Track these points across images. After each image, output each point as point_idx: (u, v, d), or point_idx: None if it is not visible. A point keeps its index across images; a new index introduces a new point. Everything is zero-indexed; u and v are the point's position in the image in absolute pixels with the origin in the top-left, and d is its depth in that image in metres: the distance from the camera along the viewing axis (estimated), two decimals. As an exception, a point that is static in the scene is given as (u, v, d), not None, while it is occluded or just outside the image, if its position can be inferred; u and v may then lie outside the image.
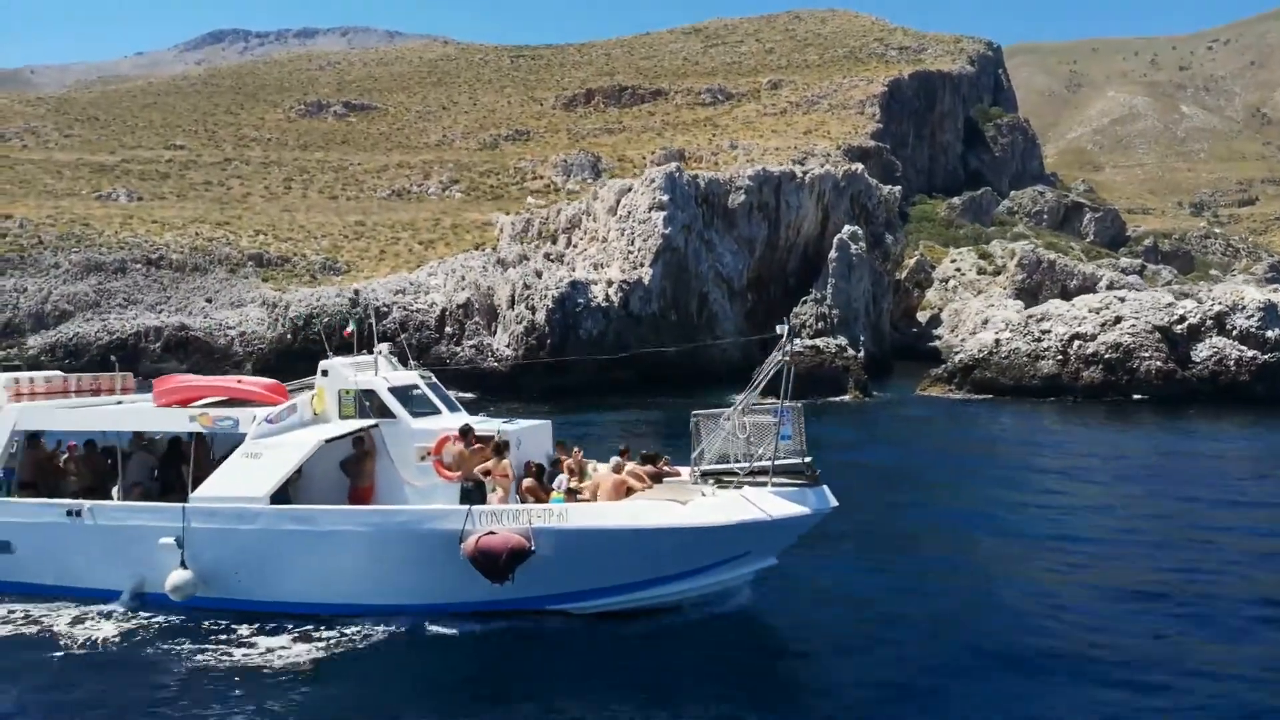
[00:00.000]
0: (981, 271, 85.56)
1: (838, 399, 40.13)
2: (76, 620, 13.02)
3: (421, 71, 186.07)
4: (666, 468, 14.35)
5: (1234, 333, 37.05)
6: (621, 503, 12.63)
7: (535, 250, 55.25)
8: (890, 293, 60.38)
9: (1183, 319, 37.55)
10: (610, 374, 44.72)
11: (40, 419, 14.69)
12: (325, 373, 14.32)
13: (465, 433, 13.47)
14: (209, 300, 73.30)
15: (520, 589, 12.21)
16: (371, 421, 13.69)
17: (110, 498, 14.16)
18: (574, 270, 48.51)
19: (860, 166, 60.54)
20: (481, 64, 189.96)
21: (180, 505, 13.27)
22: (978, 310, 69.24)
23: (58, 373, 16.24)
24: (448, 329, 42.61)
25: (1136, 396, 37.13)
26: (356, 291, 47.23)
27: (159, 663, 11.73)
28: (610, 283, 45.99)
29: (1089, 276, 73.87)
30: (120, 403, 15.55)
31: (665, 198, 48.78)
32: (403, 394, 14.18)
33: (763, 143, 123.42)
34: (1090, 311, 39.42)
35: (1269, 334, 36.83)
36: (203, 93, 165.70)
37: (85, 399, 15.70)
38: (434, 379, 15.45)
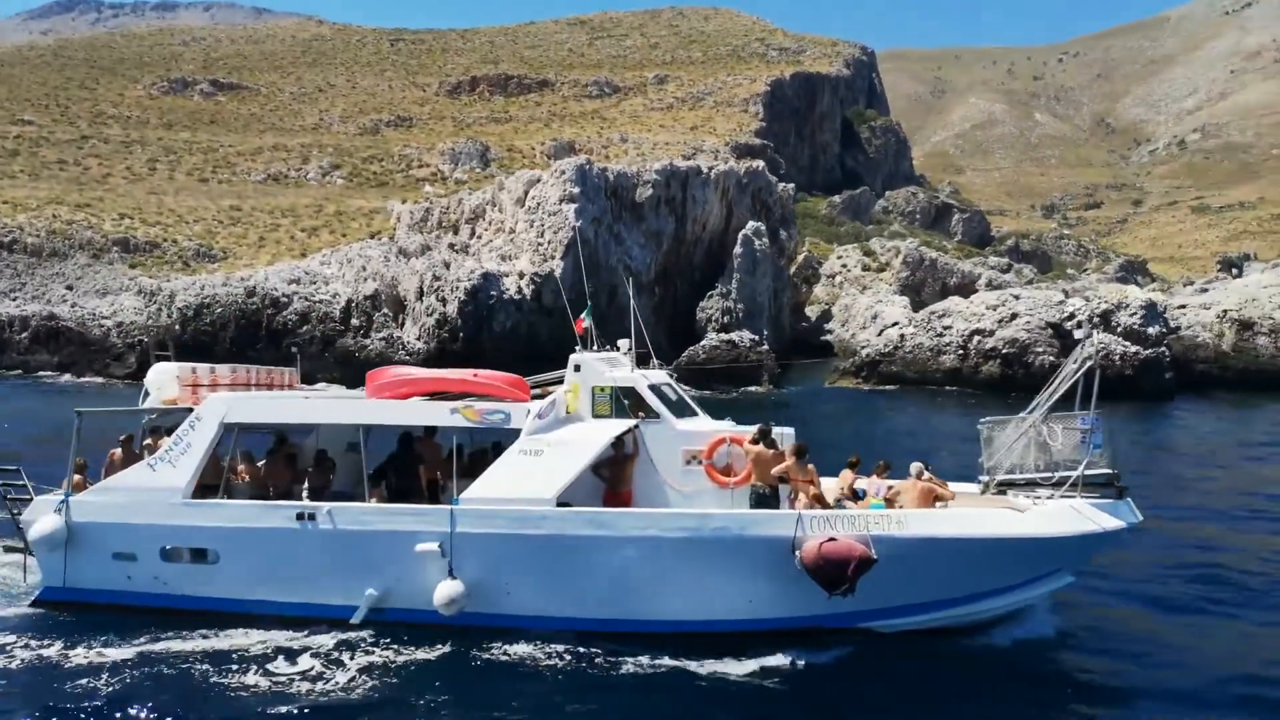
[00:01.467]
0: (866, 268, 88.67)
1: (751, 389, 40.80)
2: (308, 645, 11.10)
3: (295, 51, 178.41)
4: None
5: (1119, 329, 39.64)
6: (961, 510, 11.74)
7: (437, 240, 53.82)
8: (789, 288, 61.81)
9: (1072, 316, 39.91)
10: (525, 369, 44.05)
11: (252, 411, 12.74)
12: (578, 367, 12.84)
13: (764, 435, 12.26)
14: (69, 288, 68.17)
15: (856, 602, 11.08)
16: (633, 421, 12.43)
17: (294, 499, 12.52)
18: (480, 261, 47.49)
19: (761, 163, 61.66)
20: (359, 46, 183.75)
21: (447, 508, 11.72)
22: (867, 306, 71.68)
23: (226, 365, 14.53)
24: (354, 321, 40.98)
25: (1014, 394, 39.15)
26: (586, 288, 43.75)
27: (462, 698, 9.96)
28: (521, 275, 45.27)
29: (967, 274, 77.61)
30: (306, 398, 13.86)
31: (576, 190, 48.35)
32: (660, 393, 12.93)
33: (652, 137, 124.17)
34: (987, 308, 41.41)
35: (1150, 330, 39.59)
36: (52, 65, 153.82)
37: (277, 393, 14.07)
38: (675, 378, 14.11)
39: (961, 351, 40.88)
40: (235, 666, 10.55)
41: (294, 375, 14.69)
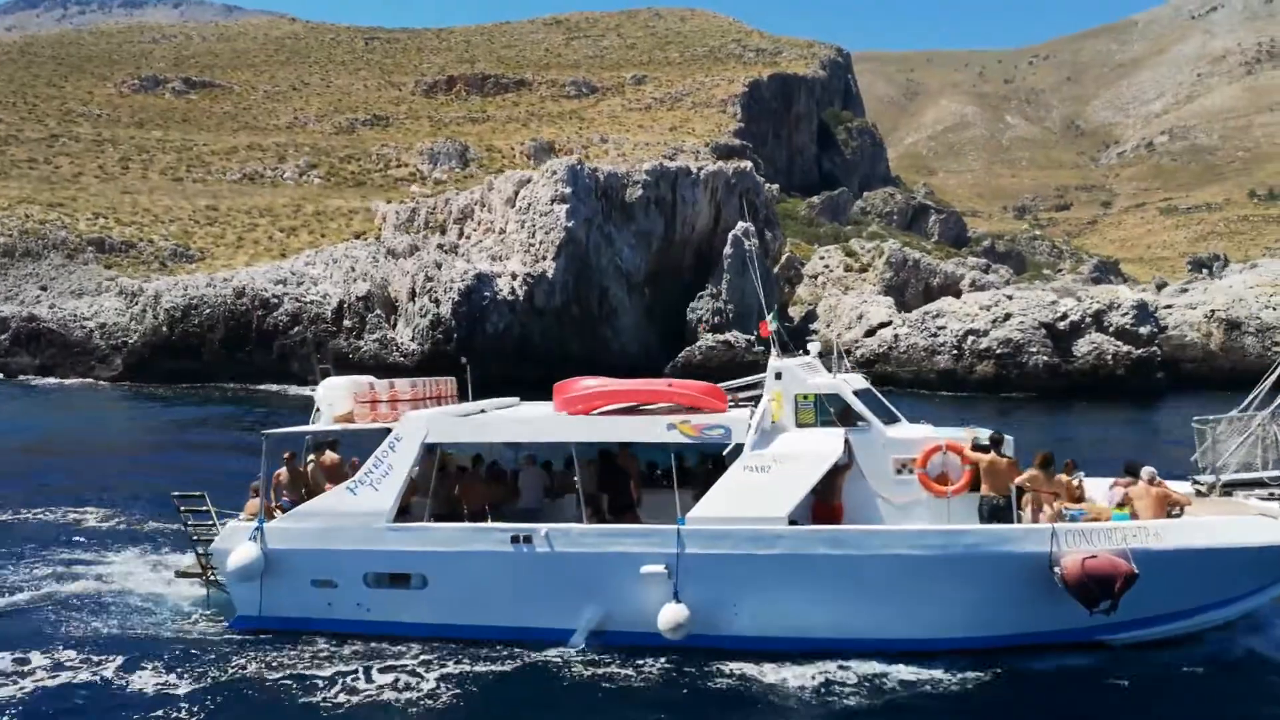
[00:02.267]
0: (848, 269, 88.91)
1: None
2: (538, 668, 10.89)
3: (268, 49, 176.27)
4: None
5: (1111, 329, 40.01)
6: (1211, 518, 11.33)
7: (425, 241, 53.31)
8: (776, 289, 61.86)
9: (1065, 316, 40.24)
10: (517, 370, 43.73)
11: (453, 431, 12.38)
12: (779, 375, 12.29)
13: (996, 442, 11.78)
14: (43, 288, 66.95)
15: (1103, 616, 10.79)
16: (844, 431, 11.98)
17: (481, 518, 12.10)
18: (471, 262, 47.07)
19: (748, 164, 61.66)
20: (333, 44, 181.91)
21: (673, 528, 11.32)
22: (852, 306, 71.77)
23: (404, 380, 13.88)
24: (346, 322, 40.41)
25: (1016, 394, 39.41)
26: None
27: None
28: (514, 275, 44.89)
29: (950, 275, 78.11)
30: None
31: (568, 190, 48.03)
32: (864, 398, 12.48)
33: (632, 137, 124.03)
34: (981, 309, 41.63)
35: (1141, 330, 40.01)
36: (19, 62, 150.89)
37: (455, 406, 13.49)
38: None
39: (955, 352, 41.08)
40: (453, 689, 10.38)
41: (453, 385, 13.98)
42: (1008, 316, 40.64)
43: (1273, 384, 12.38)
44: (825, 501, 11.96)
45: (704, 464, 13.14)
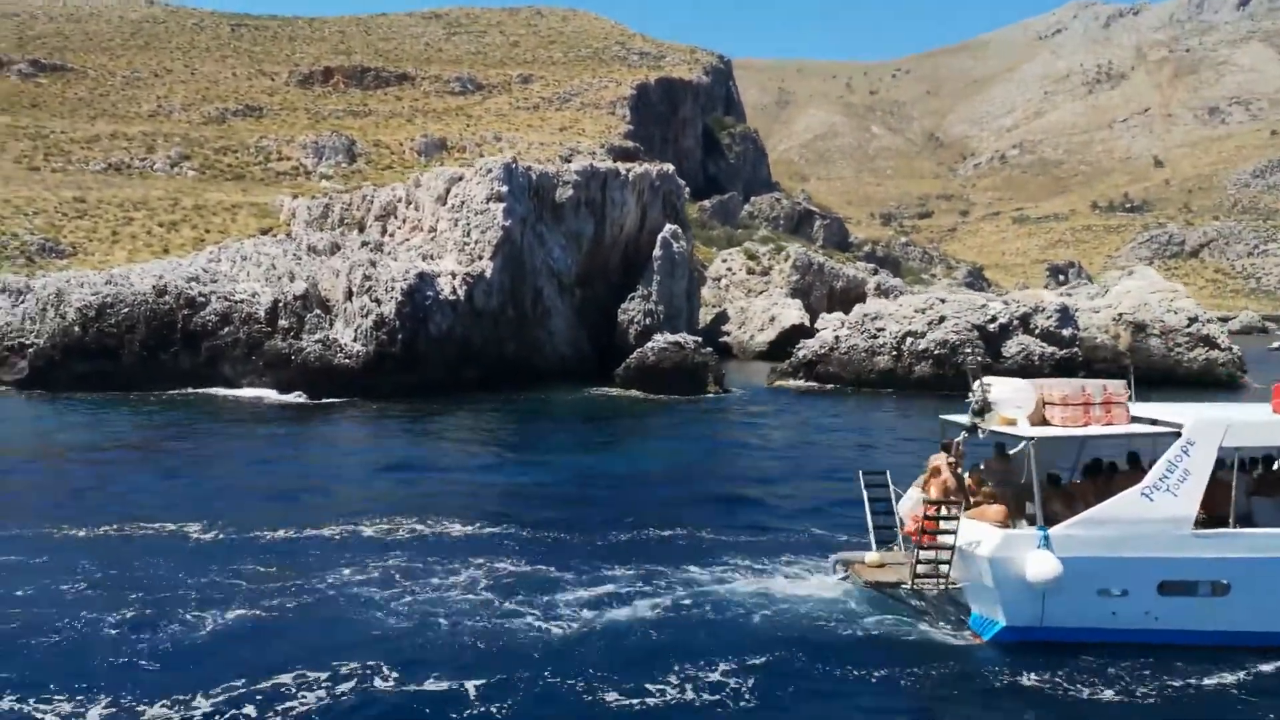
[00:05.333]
0: (750, 271, 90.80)
1: (700, 396, 40.88)
2: None
3: (124, 32, 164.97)
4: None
5: (1036, 331, 42.32)
6: None
7: (344, 238, 51.04)
8: (699, 291, 62.43)
9: (994, 319, 42.27)
10: (460, 372, 42.45)
11: (1255, 435, 11.87)
12: None
13: None
14: (-108, 286, 60.87)
15: None
16: None
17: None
18: (399, 261, 45.34)
19: (670, 167, 61.91)
20: (196, 30, 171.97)
21: None
22: (764, 309, 73.47)
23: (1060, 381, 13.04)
24: (282, 322, 38.10)
25: (952, 393, 41.19)
26: None
27: None
28: (454, 275, 43.52)
29: (853, 279, 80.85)
30: None
31: (504, 189, 46.93)
32: None
33: (528, 136, 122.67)
34: (916, 311, 43.20)
35: (1064, 332, 42.48)
36: None
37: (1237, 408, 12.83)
38: None
39: (895, 352, 42.47)
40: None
41: (1124, 388, 12.94)
42: (942, 319, 42.35)
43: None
44: None
45: None
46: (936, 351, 41.89)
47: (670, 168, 60.88)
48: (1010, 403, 12.29)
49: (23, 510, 17.66)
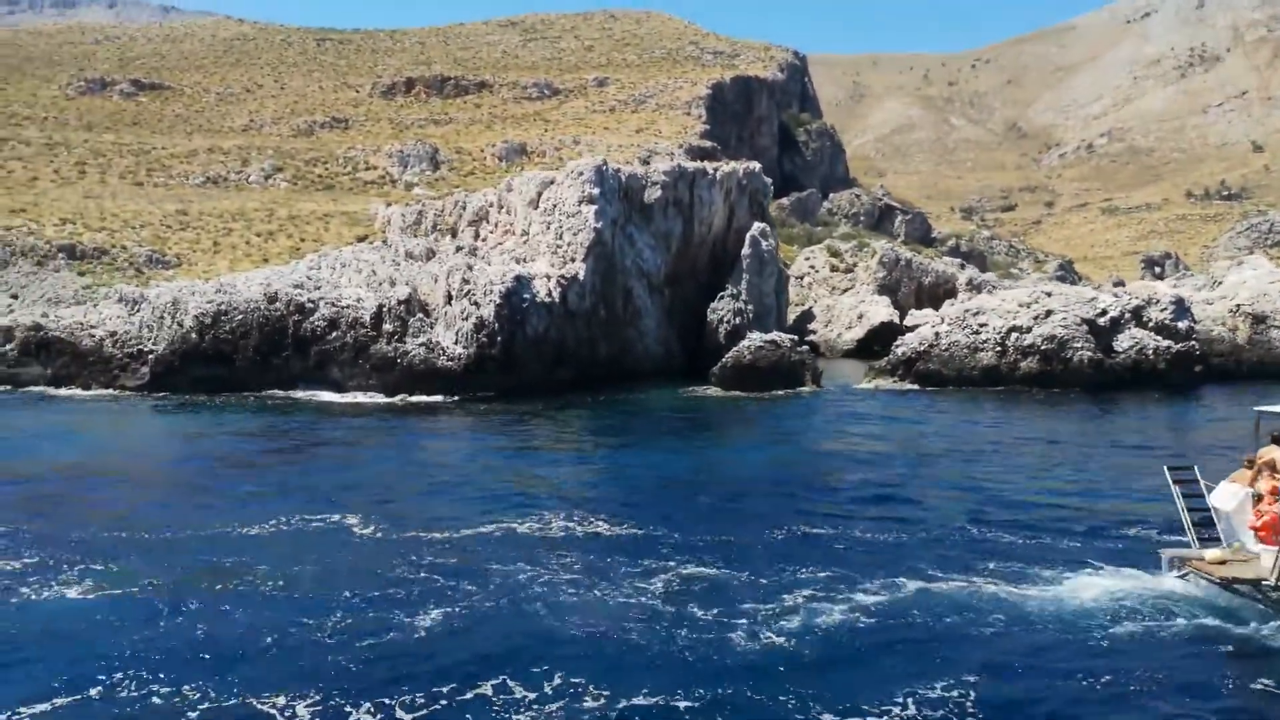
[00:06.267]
0: (834, 269, 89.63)
1: (797, 390, 40.44)
2: None
3: (216, 50, 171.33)
4: None
5: (1150, 324, 40.68)
6: None
7: (436, 243, 52.00)
8: (786, 289, 61.87)
9: (1105, 312, 40.76)
10: (554, 372, 42.85)
11: None
12: None
13: None
14: (14, 296, 64.24)
15: None
16: None
17: None
18: (490, 264, 45.96)
19: (758, 165, 61.41)
20: (284, 46, 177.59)
21: None
22: (851, 306, 72.46)
23: None
24: (386, 326, 38.99)
25: (1057, 390, 39.88)
26: None
27: None
28: (548, 277, 43.93)
29: (942, 274, 79.08)
30: None
31: (595, 191, 47.18)
32: None
33: (605, 139, 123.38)
34: (1021, 306, 41.96)
35: (1180, 325, 40.75)
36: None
37: None
38: None
39: (999, 348, 41.31)
40: None
41: None
42: (1049, 313, 41.03)
43: None
44: None
45: None
46: (1043, 347, 40.61)
47: (757, 166, 60.39)
48: None
49: (192, 509, 18.26)
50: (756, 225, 55.32)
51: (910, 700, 9.69)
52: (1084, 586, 13.00)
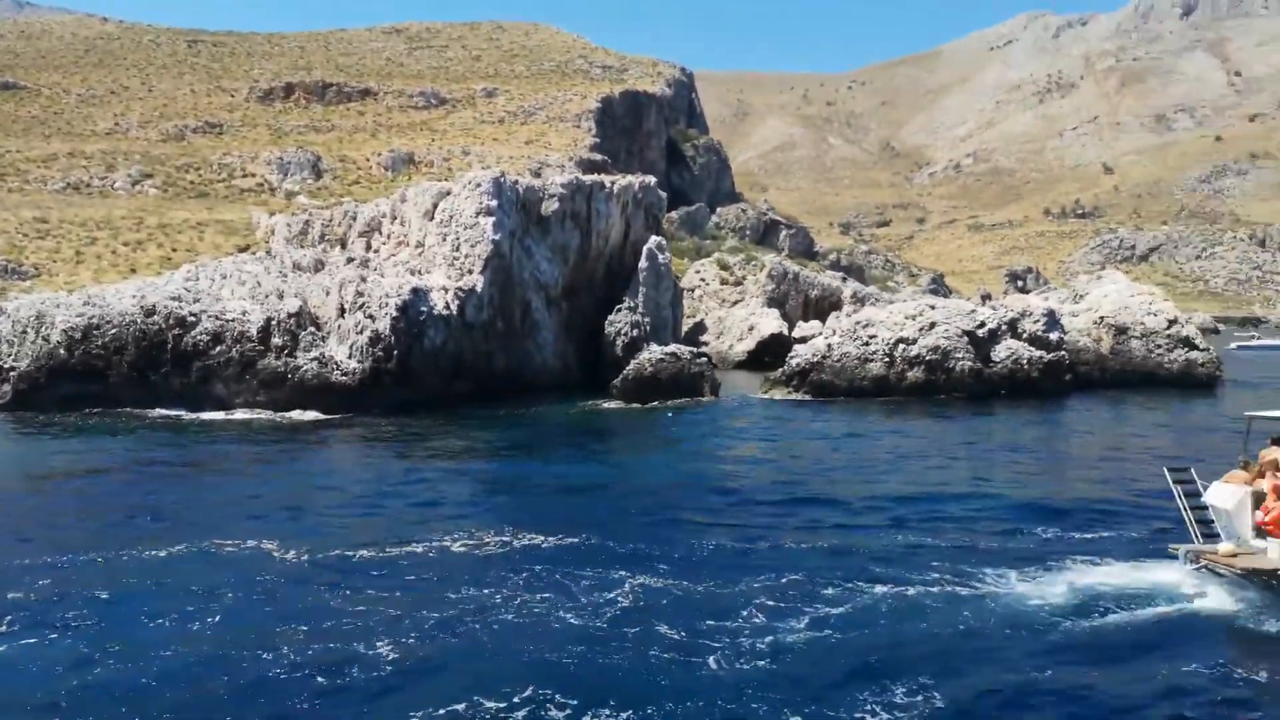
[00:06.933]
0: (724, 282, 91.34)
1: (697, 401, 41.02)
2: None
3: (77, 50, 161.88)
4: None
5: (1024, 336, 43.07)
6: None
7: (325, 254, 50.49)
8: (681, 302, 62.65)
9: (983, 324, 42.95)
10: (452, 386, 42.16)
11: None
12: None
13: None
14: None
15: None
16: None
17: None
18: (384, 276, 44.96)
19: (653, 179, 62.10)
20: (152, 46, 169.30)
21: None
22: (742, 318, 73.92)
23: None
24: (275, 340, 37.50)
25: (942, 397, 41.81)
26: None
27: None
28: (445, 289, 43.22)
29: (828, 288, 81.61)
30: None
31: (493, 203, 46.74)
32: None
33: (495, 150, 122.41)
34: (907, 318, 43.76)
35: (1051, 336, 43.30)
36: None
37: None
38: None
39: (888, 359, 42.95)
40: None
41: None
42: (933, 325, 42.93)
43: None
44: None
45: None
46: (928, 357, 42.45)
47: (652, 180, 61.08)
48: None
49: (84, 533, 17.05)
50: (653, 239, 55.91)
51: (875, 704, 9.94)
52: (1035, 583, 13.67)
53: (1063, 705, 9.97)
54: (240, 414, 35.90)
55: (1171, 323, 47.59)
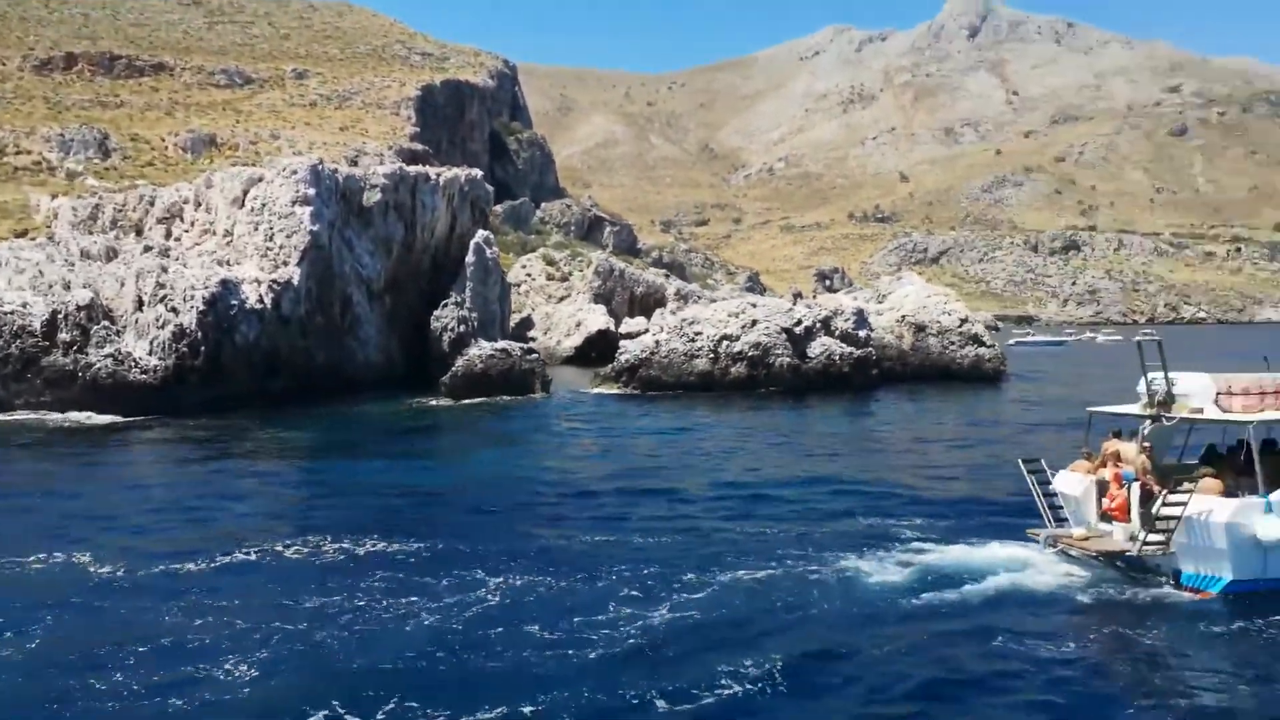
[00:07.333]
0: (550, 277, 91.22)
1: (529, 398, 40.81)
2: None
3: None
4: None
5: (837, 333, 45.58)
6: None
7: (118, 241, 46.55)
8: (509, 297, 62.05)
9: (800, 322, 45.12)
10: (266, 384, 39.93)
11: None
12: None
13: None
14: None
15: None
16: None
17: None
18: (188, 267, 41.97)
19: (479, 172, 61.05)
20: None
21: None
22: (570, 314, 74.18)
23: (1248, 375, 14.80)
24: (63, 335, 34.12)
25: (763, 390, 43.72)
26: None
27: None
28: (259, 282, 40.82)
29: (653, 284, 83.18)
30: None
31: (310, 192, 44.52)
32: None
33: (307, 135, 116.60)
34: (730, 316, 45.32)
35: (860, 334, 46.05)
36: None
37: None
38: None
39: (713, 355, 44.32)
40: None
41: None
42: (754, 323, 44.68)
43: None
44: None
45: None
46: (750, 353, 44.13)
47: (479, 173, 60.13)
48: (1198, 395, 14.35)
49: None
50: (480, 233, 55.06)
51: (732, 680, 10.32)
52: (875, 563, 14.55)
53: (903, 670, 10.72)
54: (22, 414, 32.52)
55: (963, 321, 51.76)
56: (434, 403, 40.28)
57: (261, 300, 40.05)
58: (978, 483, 21.87)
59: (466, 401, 39.60)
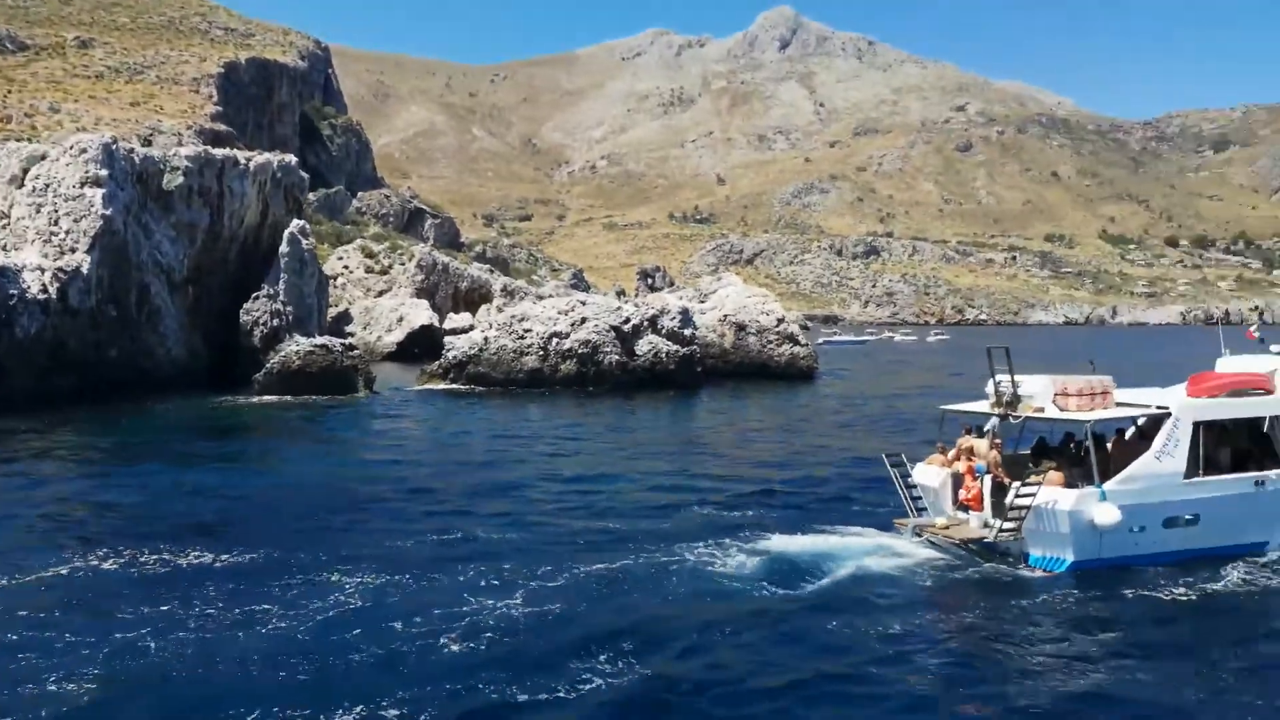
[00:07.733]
0: (369, 270, 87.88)
1: (352, 396, 39.18)
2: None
3: None
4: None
5: (663, 331, 46.49)
6: None
7: None
8: (326, 290, 59.28)
9: (629, 320, 45.71)
10: (51, 381, 36.32)
11: (1217, 410, 15.98)
12: None
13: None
14: None
15: None
16: None
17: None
18: (-46, 252, 37.61)
19: (293, 158, 57.83)
20: None
21: None
22: (391, 309, 71.73)
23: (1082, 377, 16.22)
24: None
25: (593, 388, 44.13)
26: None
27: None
28: (42, 270, 37.02)
29: (477, 279, 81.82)
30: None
31: (103, 173, 40.71)
32: None
33: (94, 110, 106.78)
34: (560, 313, 45.28)
35: (686, 332, 47.16)
36: None
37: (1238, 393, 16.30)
38: None
39: (542, 353, 44.13)
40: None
41: (1112, 382, 16.29)
42: (584, 321, 44.85)
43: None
44: None
45: None
46: (580, 351, 44.29)
47: (293, 159, 57.05)
48: (1039, 395, 15.80)
49: None
50: (295, 222, 52.28)
51: (588, 670, 10.40)
52: (722, 553, 14.93)
53: (762, 653, 11.13)
54: None
55: (780, 321, 54.13)
56: (245, 401, 37.95)
57: (45, 290, 36.40)
58: (811, 474, 22.95)
59: (282, 400, 37.55)
